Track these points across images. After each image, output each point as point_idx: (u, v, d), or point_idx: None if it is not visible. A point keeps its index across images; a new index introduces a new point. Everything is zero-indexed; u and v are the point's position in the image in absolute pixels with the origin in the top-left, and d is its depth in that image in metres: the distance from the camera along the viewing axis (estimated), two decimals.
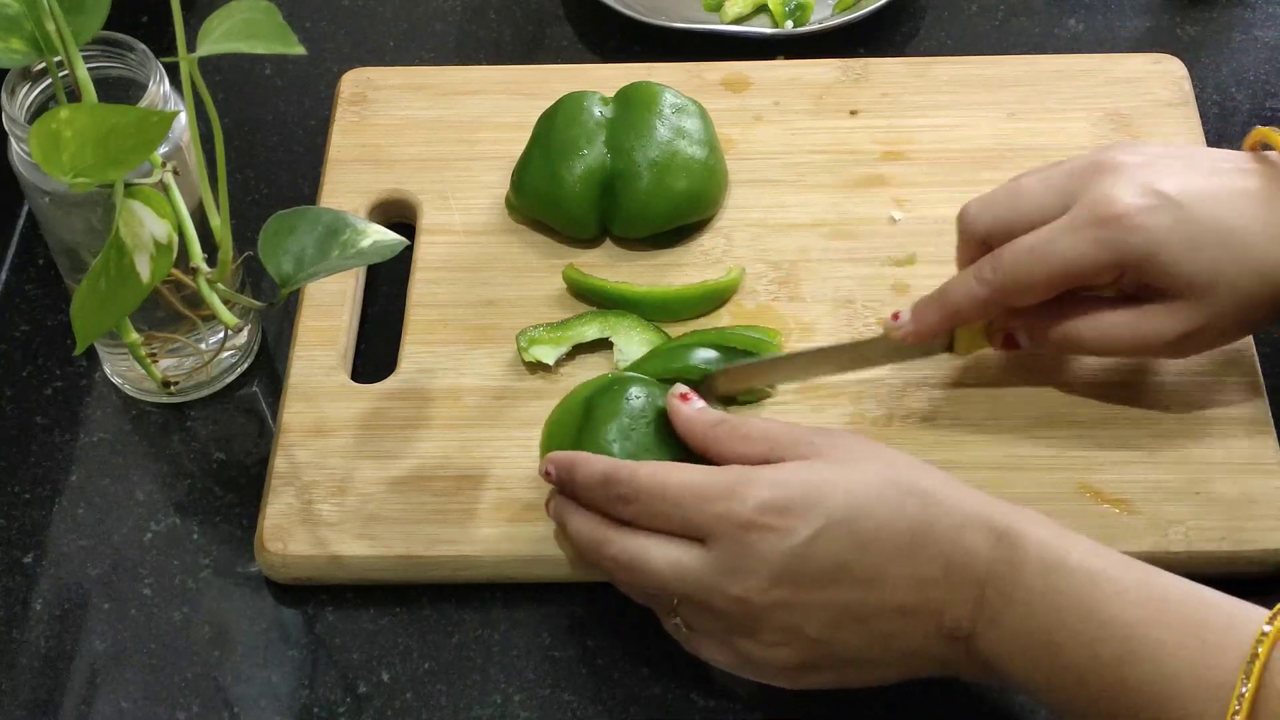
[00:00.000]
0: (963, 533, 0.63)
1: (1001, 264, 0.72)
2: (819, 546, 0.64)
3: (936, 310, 0.75)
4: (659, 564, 0.66)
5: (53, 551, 0.78)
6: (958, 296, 0.74)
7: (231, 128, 0.93)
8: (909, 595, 0.64)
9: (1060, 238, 0.71)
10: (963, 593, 0.63)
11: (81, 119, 0.63)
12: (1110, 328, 0.73)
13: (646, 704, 0.72)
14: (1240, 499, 0.75)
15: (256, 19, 0.65)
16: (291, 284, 0.69)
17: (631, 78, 0.89)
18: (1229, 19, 1.00)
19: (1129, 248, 0.70)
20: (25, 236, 0.91)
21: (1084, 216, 0.71)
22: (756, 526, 0.64)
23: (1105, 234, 0.70)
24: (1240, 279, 0.71)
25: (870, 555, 0.64)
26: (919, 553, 0.63)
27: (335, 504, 0.76)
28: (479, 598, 0.76)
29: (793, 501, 0.64)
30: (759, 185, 0.89)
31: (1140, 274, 0.71)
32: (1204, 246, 0.70)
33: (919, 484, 0.65)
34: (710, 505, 0.65)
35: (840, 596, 0.64)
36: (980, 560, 0.63)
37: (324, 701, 0.73)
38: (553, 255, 0.86)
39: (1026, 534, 0.63)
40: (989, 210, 0.74)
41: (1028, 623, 0.62)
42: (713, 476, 0.66)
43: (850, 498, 0.64)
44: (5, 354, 0.86)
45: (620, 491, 0.67)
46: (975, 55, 0.95)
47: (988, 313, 0.75)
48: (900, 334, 0.75)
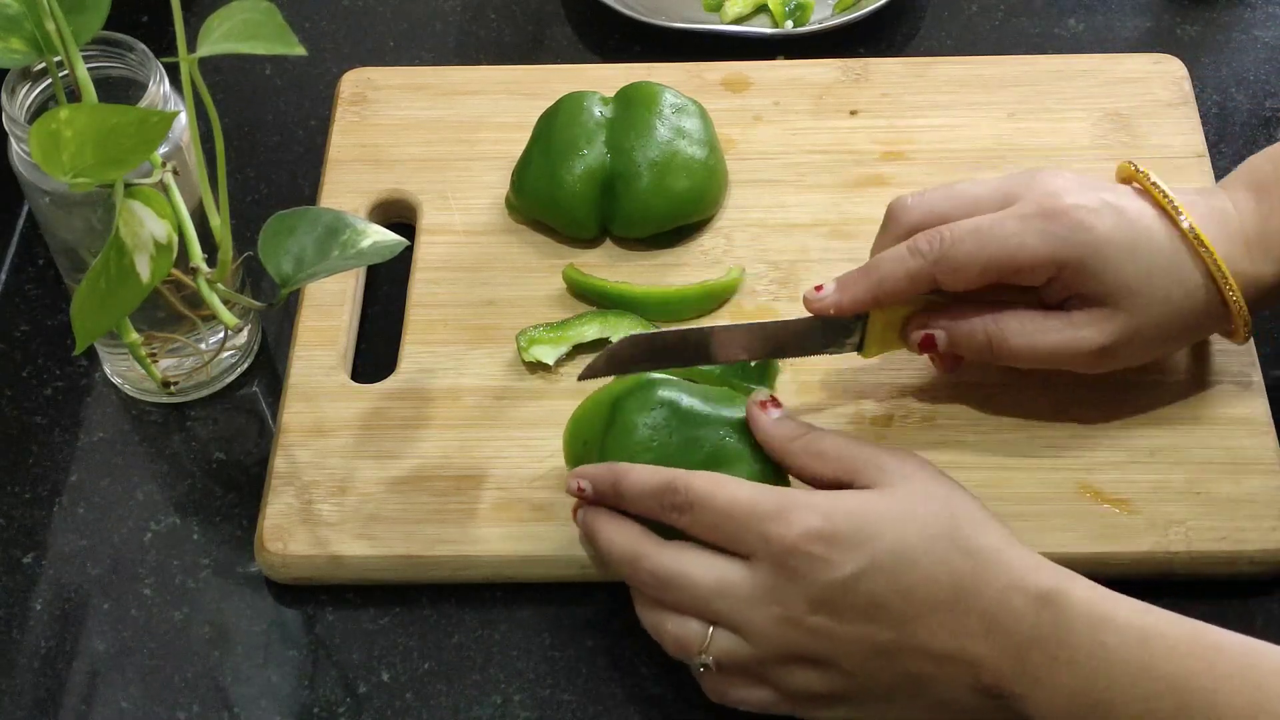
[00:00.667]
0: (1008, 594, 0.63)
1: (941, 238, 0.71)
2: (859, 584, 0.63)
3: (864, 281, 0.73)
4: (701, 577, 0.66)
5: (53, 551, 0.78)
6: (889, 267, 0.72)
7: (231, 128, 0.93)
8: (946, 643, 0.63)
9: (1007, 224, 0.71)
10: (1003, 652, 0.62)
11: (81, 119, 0.63)
12: (1036, 333, 0.72)
13: (646, 704, 0.72)
14: (1240, 499, 0.75)
15: (256, 19, 0.65)
16: (291, 284, 0.69)
17: (631, 78, 0.89)
18: (1229, 19, 1.00)
19: (1074, 244, 0.70)
20: (25, 236, 0.91)
21: (1032, 208, 0.71)
22: (800, 553, 0.64)
23: (1052, 227, 0.70)
24: (1171, 289, 0.71)
25: (909, 603, 0.63)
26: (959, 607, 0.63)
27: (335, 504, 0.76)
28: (479, 598, 0.76)
29: (839, 535, 0.64)
30: (759, 185, 0.89)
31: (1078, 274, 0.71)
32: (1140, 253, 0.71)
33: (972, 540, 0.64)
34: (758, 524, 0.65)
35: (877, 634, 0.64)
36: (1024, 622, 0.62)
37: (324, 701, 0.73)
38: (553, 255, 0.86)
39: (1072, 594, 0.63)
40: (924, 202, 0.74)
41: (1075, 682, 0.61)
42: (764, 495, 0.66)
43: (898, 543, 0.64)
44: (5, 354, 0.86)
45: (675, 501, 0.67)
46: (975, 55, 0.96)
47: (916, 288, 0.72)
48: (822, 305, 0.73)
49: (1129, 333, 0.72)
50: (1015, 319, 0.73)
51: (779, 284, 0.84)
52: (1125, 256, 0.70)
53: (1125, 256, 0.70)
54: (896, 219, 0.75)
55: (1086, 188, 0.72)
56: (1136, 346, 0.73)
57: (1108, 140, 0.90)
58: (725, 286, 0.84)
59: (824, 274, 0.84)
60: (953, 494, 0.67)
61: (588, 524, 0.70)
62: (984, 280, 0.72)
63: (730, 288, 0.84)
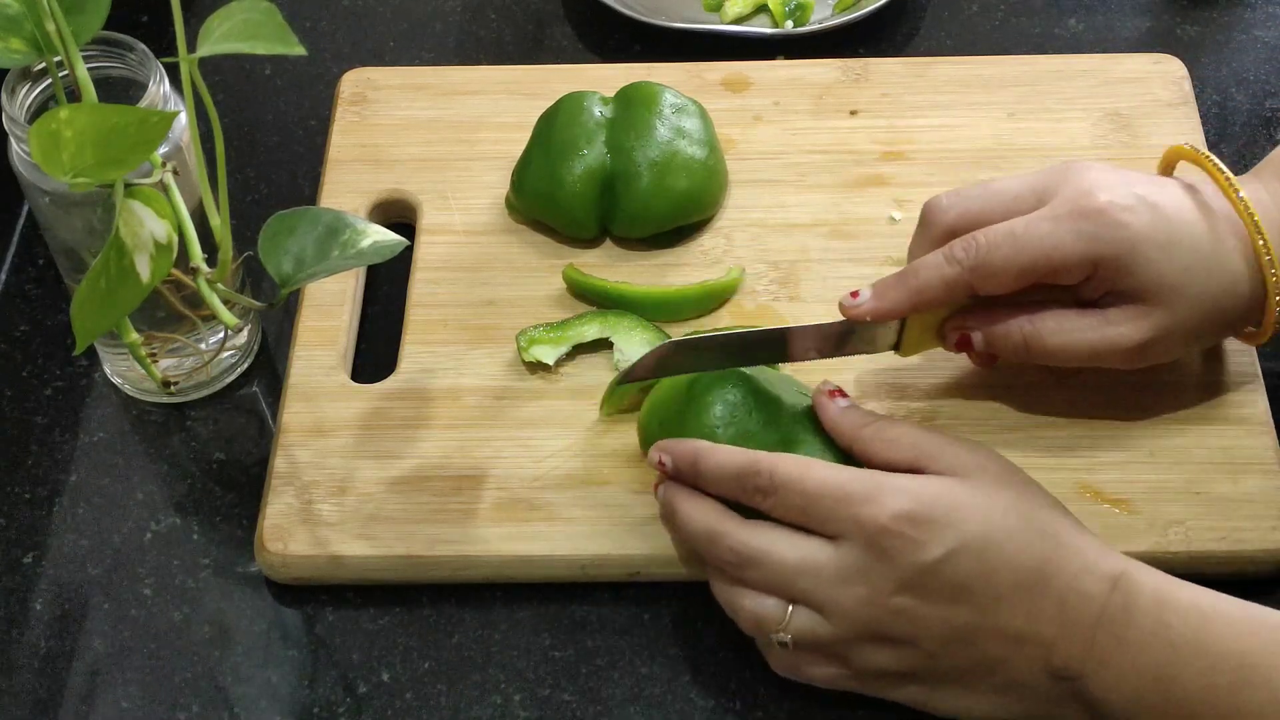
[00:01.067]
0: (1081, 577, 0.65)
1: (977, 245, 0.71)
2: (948, 565, 0.64)
3: (901, 289, 0.73)
4: (788, 555, 0.66)
5: (53, 551, 0.78)
6: (926, 275, 0.72)
7: (231, 128, 0.93)
8: (1022, 625, 0.65)
9: (1041, 225, 0.71)
10: (1074, 633, 0.64)
11: (81, 119, 0.63)
12: (1074, 331, 0.72)
13: (646, 704, 0.72)
14: (1240, 499, 0.75)
15: (256, 19, 0.65)
16: (291, 284, 0.69)
17: (631, 78, 0.89)
18: (1229, 19, 1.00)
19: (1109, 242, 0.70)
20: (25, 236, 0.91)
21: (1066, 208, 0.71)
22: (891, 534, 0.65)
23: (1087, 226, 0.70)
24: (1209, 283, 0.71)
25: (993, 584, 0.65)
26: (1037, 590, 0.64)
27: (335, 504, 0.76)
28: (479, 598, 0.76)
29: (931, 517, 0.65)
30: (759, 185, 0.89)
31: (1114, 272, 0.71)
32: (1177, 248, 0.70)
33: (1048, 525, 0.66)
34: (848, 507, 0.65)
35: (958, 616, 0.65)
36: (1095, 604, 0.64)
37: (324, 701, 0.73)
38: (553, 255, 0.86)
39: (1138, 577, 0.65)
40: (960, 202, 0.74)
41: (1139, 661, 0.63)
42: (854, 478, 0.66)
43: (985, 526, 0.65)
44: (5, 354, 0.86)
45: (759, 483, 0.67)
46: (975, 55, 0.95)
47: (953, 296, 0.73)
48: (859, 312, 0.73)
49: (1167, 328, 0.71)
50: (1052, 318, 0.73)
51: (779, 284, 0.84)
52: (1161, 253, 0.70)
53: (1161, 253, 0.70)
54: (932, 221, 0.74)
55: (1121, 182, 0.72)
56: (1174, 341, 0.73)
57: (1108, 140, 0.90)
58: (725, 286, 0.84)
59: (824, 274, 0.84)
60: (1025, 482, 0.68)
61: (667, 500, 0.71)
62: (1022, 284, 0.72)
63: (730, 288, 0.84)
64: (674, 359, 0.73)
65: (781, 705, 0.71)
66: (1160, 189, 0.73)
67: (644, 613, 0.75)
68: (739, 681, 0.72)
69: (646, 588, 0.75)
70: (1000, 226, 0.71)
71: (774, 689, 0.71)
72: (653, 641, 0.74)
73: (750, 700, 0.72)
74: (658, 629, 0.74)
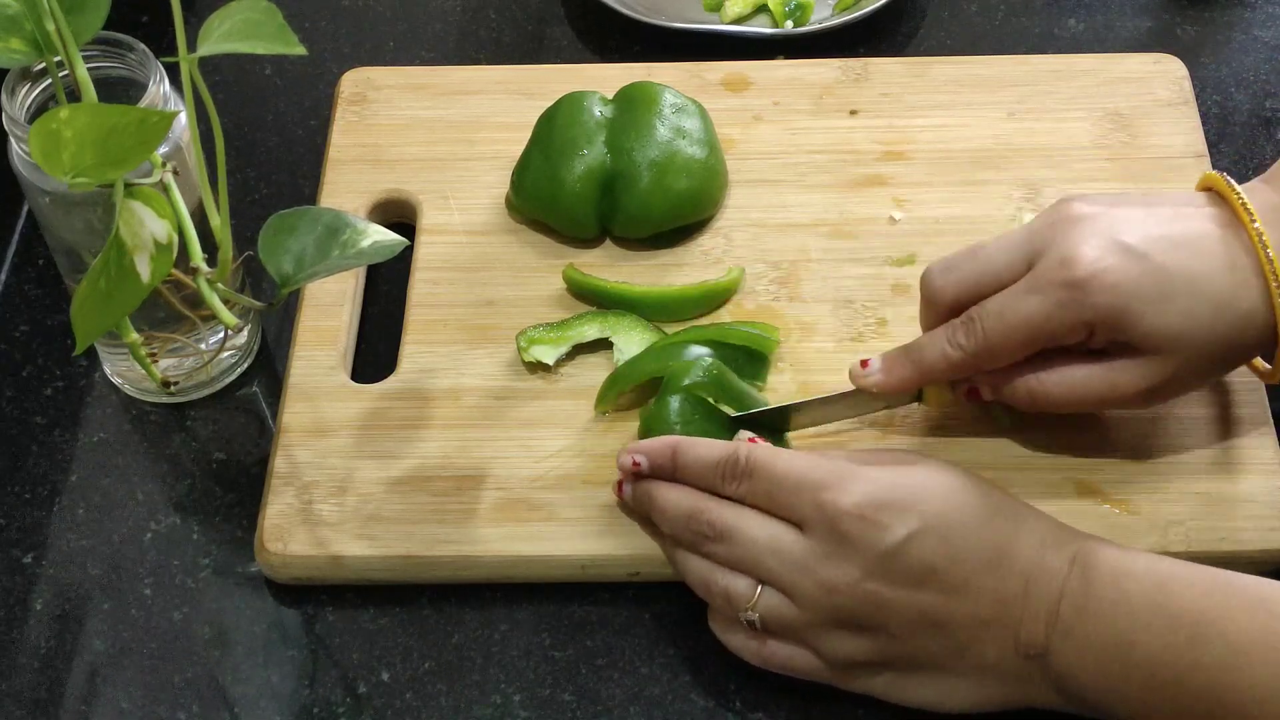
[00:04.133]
0: (1043, 552, 0.66)
1: (974, 329, 0.71)
2: (911, 547, 0.65)
3: (909, 367, 0.74)
4: (758, 534, 0.68)
5: (53, 551, 0.78)
6: (932, 356, 0.73)
7: (231, 128, 0.93)
8: (990, 609, 0.65)
9: (1029, 301, 0.70)
10: (1038, 608, 0.65)
11: (81, 119, 0.63)
12: (1079, 383, 0.72)
13: (646, 704, 0.72)
14: (1240, 499, 0.75)
15: (256, 19, 0.65)
16: (291, 284, 0.69)
17: (631, 78, 0.89)
18: (1229, 19, 1.00)
19: (1098, 307, 0.69)
20: (25, 236, 0.91)
21: (1048, 278, 0.69)
22: (852, 518, 0.66)
23: (1070, 295, 0.69)
24: (1217, 324, 0.69)
25: (958, 566, 0.65)
26: (1002, 569, 0.65)
27: (335, 504, 0.76)
28: (479, 598, 0.76)
29: (891, 500, 0.66)
30: (759, 185, 0.89)
31: (1111, 331, 0.69)
32: (1174, 296, 0.68)
33: (1004, 503, 0.68)
34: (811, 493, 0.67)
35: (925, 600, 0.66)
36: (1057, 579, 0.65)
37: (324, 701, 0.73)
38: (553, 255, 0.86)
39: (1096, 551, 0.66)
40: (953, 274, 0.73)
41: (1100, 629, 0.64)
42: (820, 466, 0.68)
43: (946, 506, 0.66)
44: (5, 354, 0.86)
45: (735, 470, 0.69)
46: (975, 55, 0.95)
47: (961, 374, 0.74)
48: (866, 384, 0.75)
49: (1171, 373, 0.70)
50: (1056, 371, 0.72)
51: (779, 284, 0.84)
52: (1156, 305, 0.68)
53: (1156, 305, 0.68)
54: (933, 302, 0.74)
55: (1109, 233, 0.69)
56: (1183, 382, 0.71)
57: (1108, 140, 0.90)
58: (725, 286, 0.84)
59: (824, 274, 0.84)
60: (965, 470, 0.69)
61: (644, 492, 0.72)
62: (1025, 354, 0.71)
63: (730, 288, 0.84)
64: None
65: (781, 705, 0.71)
66: (1160, 226, 0.70)
67: (644, 613, 0.75)
68: (739, 681, 0.72)
69: (646, 588, 0.75)
70: (992, 305, 0.71)
71: (774, 689, 0.71)
72: (653, 641, 0.74)
73: (750, 700, 0.72)
74: (658, 629, 0.74)
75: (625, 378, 0.79)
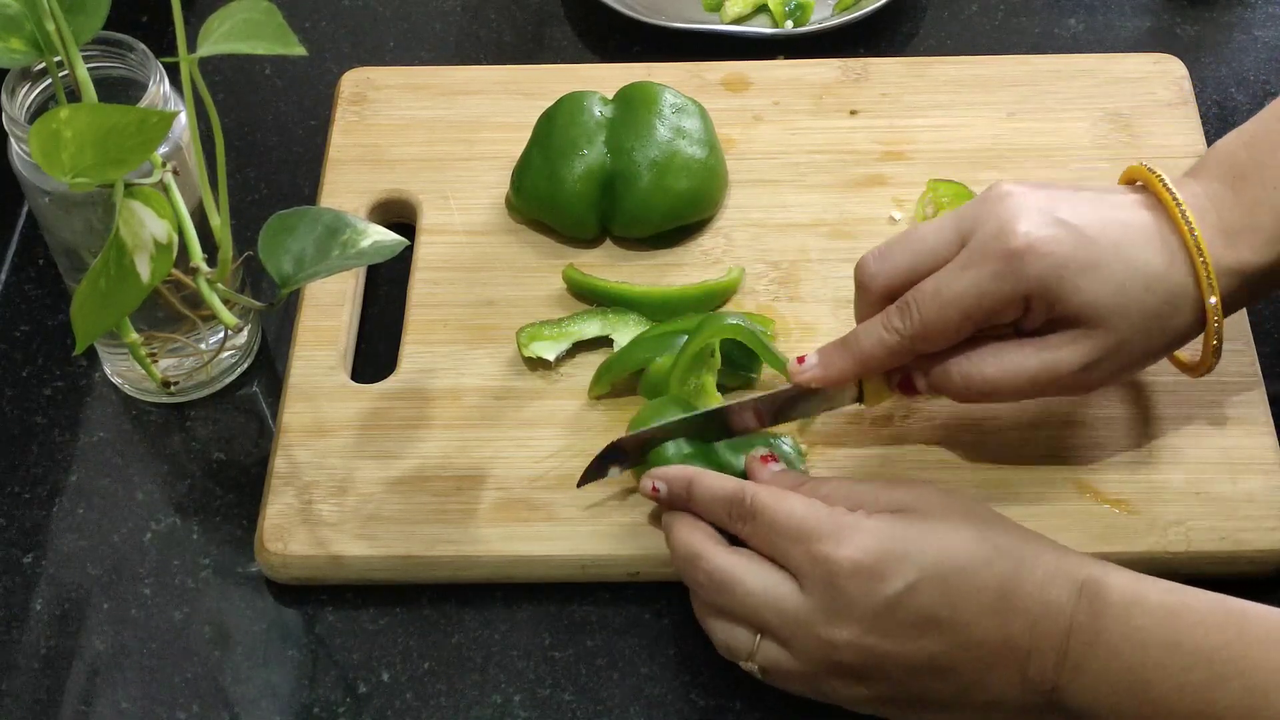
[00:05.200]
0: (1047, 588, 0.64)
1: (909, 312, 0.71)
2: (911, 599, 0.64)
3: (846, 357, 0.73)
4: (754, 586, 0.66)
5: (53, 551, 0.78)
6: (869, 344, 0.72)
7: (231, 128, 0.93)
8: (994, 650, 0.64)
9: (962, 276, 0.69)
10: (1046, 644, 0.64)
11: (81, 119, 0.63)
12: (1014, 364, 0.71)
13: (646, 704, 0.72)
14: (1240, 499, 0.75)
15: (256, 19, 0.65)
16: (291, 284, 0.69)
17: (631, 78, 0.89)
18: (1229, 19, 1.00)
19: (1032, 276, 0.68)
20: (25, 236, 0.91)
21: (982, 251, 0.69)
22: (849, 573, 0.64)
23: (1005, 266, 0.68)
24: (1148, 298, 0.69)
25: (958, 613, 0.64)
26: (1005, 610, 0.64)
27: (335, 504, 0.76)
28: (479, 598, 0.76)
29: (887, 552, 0.64)
30: (759, 185, 0.89)
31: (1045, 302, 0.69)
32: (1106, 267, 0.69)
33: (1004, 540, 0.66)
34: (806, 544, 0.65)
35: (927, 648, 0.64)
36: (1063, 613, 0.64)
37: (324, 701, 0.73)
38: (553, 255, 0.86)
39: (1105, 581, 0.64)
40: (887, 261, 0.72)
41: (1113, 664, 0.62)
42: (819, 516, 0.66)
43: (941, 554, 0.65)
44: (5, 354, 0.86)
45: (741, 510, 0.68)
46: (975, 55, 0.95)
47: (898, 360, 0.72)
48: (804, 379, 0.74)
49: (1107, 349, 0.70)
50: (989, 352, 0.71)
51: (779, 284, 0.84)
52: (1089, 276, 0.68)
53: (1089, 276, 0.68)
54: (867, 288, 0.73)
55: (1040, 208, 0.70)
56: (1120, 361, 0.71)
57: (1107, 140, 0.90)
58: (725, 286, 0.84)
59: (824, 274, 0.84)
60: (967, 502, 0.68)
61: (666, 522, 0.71)
62: (964, 334, 0.71)
63: (730, 288, 0.84)
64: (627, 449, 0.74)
65: (782, 705, 0.71)
66: (1089, 205, 0.71)
67: (644, 613, 0.75)
68: (739, 681, 0.72)
69: (646, 588, 0.75)
70: (927, 285, 0.70)
71: (774, 690, 0.71)
72: (653, 641, 0.74)
73: (750, 700, 0.72)
74: (658, 629, 0.74)
75: (618, 365, 0.79)
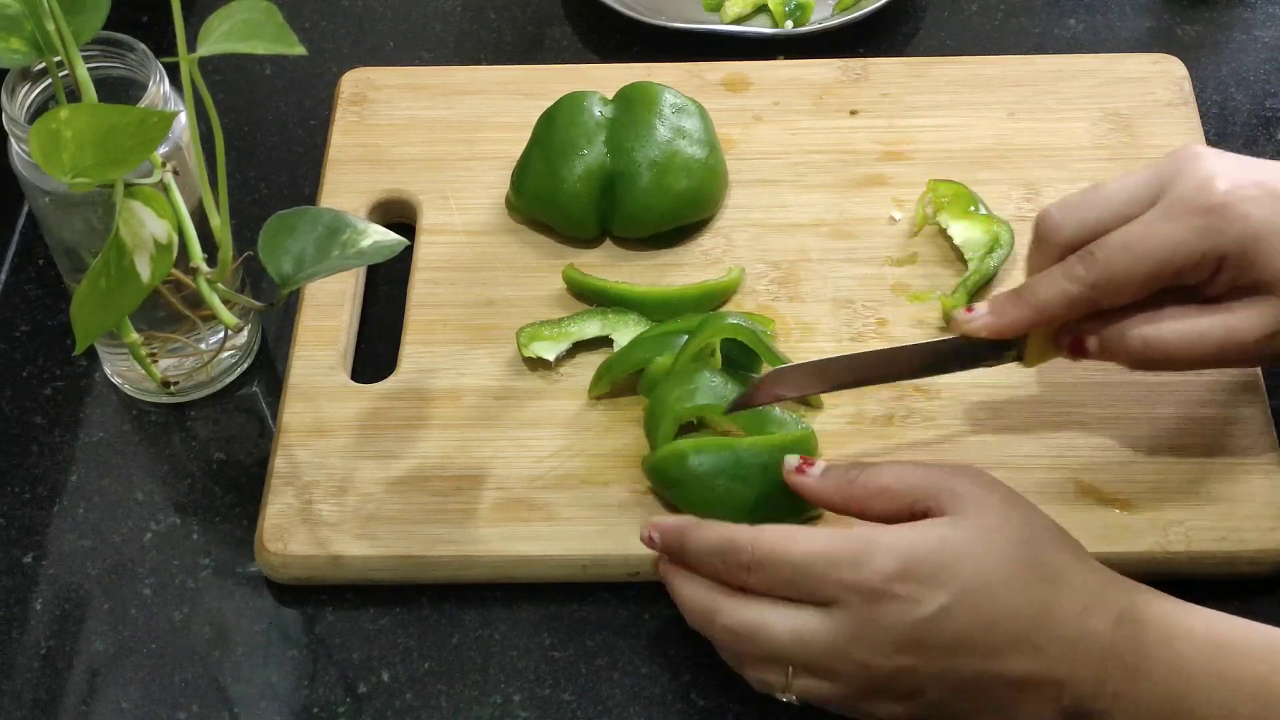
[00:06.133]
0: (1086, 616, 0.63)
1: (1096, 260, 0.68)
2: (945, 619, 0.63)
3: (1021, 306, 0.71)
4: (779, 631, 0.65)
5: (53, 551, 0.78)
6: (1047, 293, 0.70)
7: (231, 128, 0.93)
8: (1029, 671, 0.63)
9: (1160, 229, 0.67)
10: (1084, 672, 0.63)
11: (81, 119, 0.63)
12: (1196, 330, 0.69)
13: (646, 704, 0.72)
14: (1240, 499, 0.75)
15: (256, 19, 0.65)
16: (291, 284, 0.69)
17: (631, 78, 0.89)
18: (1229, 19, 1.00)
19: (1230, 235, 0.67)
20: (25, 236, 0.91)
21: (1181, 205, 0.67)
22: (884, 596, 0.63)
23: (1205, 221, 0.67)
24: None
25: (993, 635, 0.63)
26: (1040, 634, 0.63)
27: (335, 504, 0.76)
28: (479, 598, 0.76)
29: (919, 573, 0.63)
30: (759, 185, 0.89)
31: (1239, 266, 0.67)
32: None
33: (1049, 565, 0.64)
34: (837, 573, 0.64)
35: (962, 667, 0.63)
36: (1103, 640, 0.63)
37: (324, 701, 0.73)
38: (553, 255, 0.86)
39: (1146, 609, 0.63)
40: (1074, 213, 0.70)
41: (1155, 694, 0.62)
42: (840, 542, 0.64)
43: (978, 577, 0.63)
44: (5, 354, 0.86)
45: (741, 560, 0.65)
46: (975, 55, 0.95)
47: (1076, 312, 0.70)
48: (973, 327, 0.71)
49: None
50: (1172, 318, 0.69)
51: (779, 284, 0.84)
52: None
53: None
54: (1047, 239, 0.71)
55: (1241, 169, 0.68)
56: None
57: (1108, 140, 0.90)
58: (725, 286, 0.84)
59: (824, 274, 0.84)
60: (1028, 514, 0.66)
61: (664, 578, 0.70)
62: (1148, 291, 0.69)
63: (730, 288, 0.84)
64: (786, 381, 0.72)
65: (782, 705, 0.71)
66: (1276, 172, 0.69)
67: (644, 613, 0.75)
68: (739, 681, 0.72)
69: (646, 588, 0.75)
70: (1116, 237, 0.68)
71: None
72: (653, 641, 0.74)
73: (750, 700, 0.72)
74: (658, 629, 0.74)
75: (618, 365, 0.79)
